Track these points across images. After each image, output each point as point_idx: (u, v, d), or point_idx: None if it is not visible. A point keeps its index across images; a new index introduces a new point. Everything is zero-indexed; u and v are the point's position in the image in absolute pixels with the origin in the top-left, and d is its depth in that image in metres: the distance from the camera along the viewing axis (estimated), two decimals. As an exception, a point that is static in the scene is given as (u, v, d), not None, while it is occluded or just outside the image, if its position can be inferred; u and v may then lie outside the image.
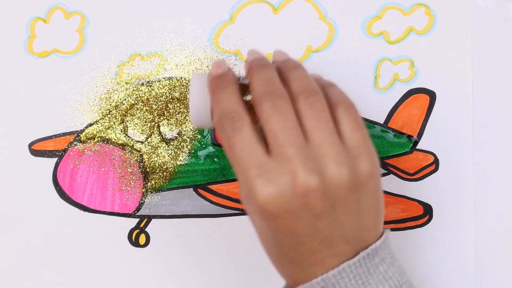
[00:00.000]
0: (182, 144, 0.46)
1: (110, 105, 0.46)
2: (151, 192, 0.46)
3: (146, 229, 0.46)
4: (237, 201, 0.46)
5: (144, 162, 0.46)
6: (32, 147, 0.46)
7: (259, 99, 0.29)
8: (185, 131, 0.46)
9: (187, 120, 0.46)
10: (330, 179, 0.27)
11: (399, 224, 0.46)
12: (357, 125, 0.30)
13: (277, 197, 0.27)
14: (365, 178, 0.29)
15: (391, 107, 0.46)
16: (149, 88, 0.46)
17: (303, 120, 0.29)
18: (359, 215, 0.29)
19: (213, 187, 0.46)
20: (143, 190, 0.46)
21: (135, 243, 0.46)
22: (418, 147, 0.46)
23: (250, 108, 0.30)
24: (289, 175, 0.27)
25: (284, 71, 0.32)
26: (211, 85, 0.32)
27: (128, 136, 0.46)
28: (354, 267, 0.29)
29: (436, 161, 0.46)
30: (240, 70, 0.46)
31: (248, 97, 0.32)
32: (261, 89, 0.30)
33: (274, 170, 0.27)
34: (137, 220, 0.46)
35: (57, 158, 0.46)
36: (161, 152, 0.46)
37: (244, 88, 0.32)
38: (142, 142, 0.46)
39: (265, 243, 0.32)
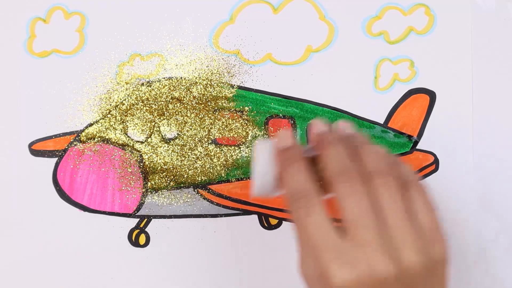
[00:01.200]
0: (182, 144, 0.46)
1: (110, 105, 0.46)
2: (151, 192, 0.46)
3: (146, 229, 0.46)
4: (237, 201, 0.46)
5: (144, 162, 0.46)
6: (32, 147, 0.46)
7: (334, 177, 0.29)
8: (185, 131, 0.46)
9: (187, 120, 0.46)
10: (407, 266, 0.27)
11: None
12: (430, 207, 0.29)
13: (354, 282, 0.26)
14: (439, 264, 0.28)
15: (391, 107, 0.46)
16: (149, 88, 0.46)
17: (378, 200, 0.28)
18: None
19: (213, 187, 0.46)
20: (143, 190, 0.46)
21: (135, 243, 0.46)
22: (418, 147, 0.46)
23: (317, 181, 0.30)
24: (367, 261, 0.27)
25: (354, 146, 0.31)
26: (278, 159, 0.31)
27: (128, 136, 0.46)
28: None
29: (436, 161, 0.46)
30: (243, 71, 0.46)
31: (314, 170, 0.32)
32: (336, 166, 0.29)
33: (351, 254, 0.27)
34: (137, 220, 0.46)
35: (57, 158, 0.46)
36: (161, 152, 0.46)
37: (310, 161, 0.32)
38: (142, 142, 0.46)
39: None
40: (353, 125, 0.34)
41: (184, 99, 0.46)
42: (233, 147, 0.46)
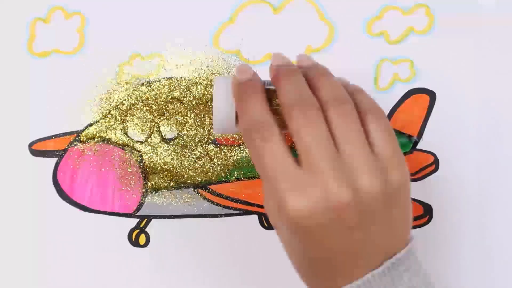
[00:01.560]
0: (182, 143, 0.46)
1: (110, 105, 0.46)
2: (151, 192, 0.46)
3: (146, 229, 0.46)
4: (237, 201, 0.46)
5: (144, 162, 0.46)
6: (32, 147, 0.46)
7: (288, 108, 0.29)
8: (185, 131, 0.46)
9: (187, 120, 0.46)
10: (363, 192, 0.27)
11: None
12: (388, 134, 0.29)
13: (310, 211, 0.27)
14: (397, 189, 0.28)
15: (391, 107, 0.46)
16: (149, 88, 0.46)
17: (334, 130, 0.28)
18: (390, 226, 0.29)
19: (213, 187, 0.46)
20: (143, 190, 0.46)
21: (135, 243, 0.46)
22: (418, 147, 0.46)
23: (276, 114, 0.30)
24: (322, 189, 0.26)
25: (311, 77, 0.31)
26: (236, 91, 0.31)
27: (128, 136, 0.46)
28: (379, 276, 0.28)
29: (436, 161, 0.46)
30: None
31: (274, 103, 0.31)
32: (291, 98, 0.29)
33: (306, 183, 0.27)
34: (137, 220, 0.46)
35: (57, 158, 0.46)
36: (161, 152, 0.46)
37: (269, 94, 0.31)
38: (142, 142, 0.46)
39: (292, 256, 0.32)
40: (310, 56, 0.33)
41: (184, 99, 0.46)
42: (233, 147, 0.46)
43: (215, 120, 0.32)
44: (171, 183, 0.46)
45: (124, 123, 0.46)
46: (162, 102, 0.46)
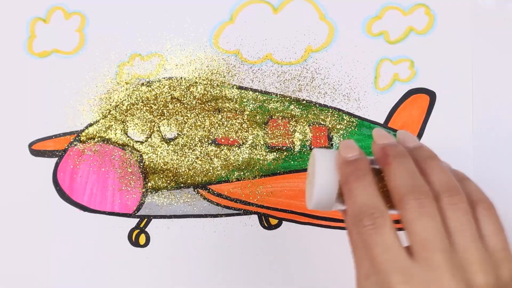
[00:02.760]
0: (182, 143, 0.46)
1: (110, 105, 0.46)
2: (151, 192, 0.46)
3: (146, 229, 0.46)
4: (237, 201, 0.46)
5: (144, 162, 0.46)
6: (32, 147, 0.46)
7: (402, 196, 0.28)
8: (185, 131, 0.46)
9: (187, 120, 0.46)
10: (476, 287, 0.26)
11: (399, 224, 0.46)
12: (499, 227, 0.29)
13: None
14: (508, 284, 0.27)
15: (391, 107, 0.46)
16: (149, 88, 0.46)
17: (446, 221, 0.27)
18: None
19: (213, 187, 0.46)
20: (143, 190, 0.46)
21: (135, 243, 0.46)
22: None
23: (383, 196, 0.29)
24: (437, 284, 0.26)
25: (419, 161, 0.30)
26: (343, 171, 0.30)
27: (128, 136, 0.46)
28: None
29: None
30: (243, 71, 0.46)
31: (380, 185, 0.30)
32: (404, 185, 0.28)
33: (419, 277, 0.26)
34: (137, 220, 0.46)
35: (57, 158, 0.46)
36: (161, 152, 0.46)
37: (374, 173, 0.30)
38: (142, 142, 0.46)
39: None
40: (414, 136, 0.32)
41: (184, 99, 0.46)
42: (233, 147, 0.46)
43: (315, 196, 0.30)
44: (171, 183, 0.46)
45: (124, 123, 0.46)
46: (162, 102, 0.46)
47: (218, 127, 0.46)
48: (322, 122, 0.46)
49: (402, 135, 0.32)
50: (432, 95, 0.46)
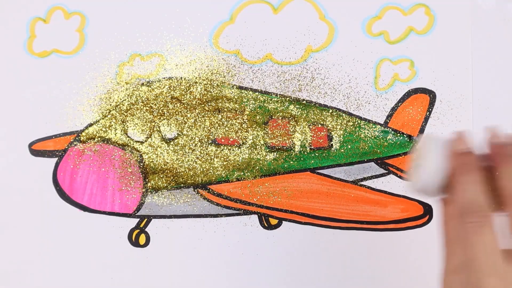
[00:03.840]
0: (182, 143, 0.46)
1: (110, 105, 0.46)
2: (151, 192, 0.46)
3: (146, 229, 0.46)
4: (237, 201, 0.46)
5: (144, 162, 0.46)
6: (32, 147, 0.46)
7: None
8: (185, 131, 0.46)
9: (187, 120, 0.46)
10: None
11: (399, 224, 0.46)
12: None
13: None
14: None
15: (391, 107, 0.46)
16: (149, 88, 0.46)
17: None
18: None
19: (213, 187, 0.46)
20: (143, 190, 0.46)
21: (135, 243, 0.46)
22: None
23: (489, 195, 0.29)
24: None
25: None
26: (453, 162, 0.30)
27: (128, 136, 0.46)
28: None
29: None
30: (243, 71, 0.46)
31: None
32: None
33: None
34: (137, 220, 0.46)
35: (57, 158, 0.46)
36: (161, 152, 0.46)
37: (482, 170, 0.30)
38: (142, 142, 0.46)
39: None
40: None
41: (184, 99, 0.46)
42: (233, 147, 0.46)
43: (422, 180, 0.30)
44: (171, 183, 0.46)
45: (124, 123, 0.46)
46: (162, 102, 0.46)
47: (218, 127, 0.46)
48: (322, 122, 0.46)
49: (498, 134, 0.32)
50: (432, 95, 0.46)
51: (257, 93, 0.46)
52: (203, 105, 0.46)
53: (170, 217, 0.46)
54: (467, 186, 0.29)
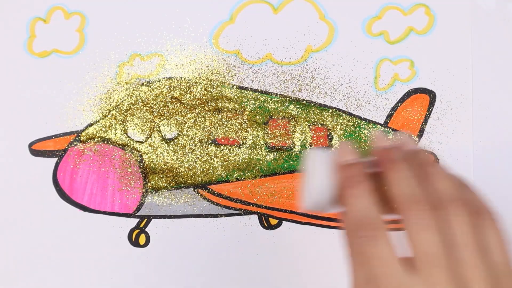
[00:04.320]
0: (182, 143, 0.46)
1: (110, 105, 0.46)
2: (151, 192, 0.46)
3: (146, 229, 0.46)
4: (237, 201, 0.46)
5: (144, 162, 0.46)
6: (32, 147, 0.46)
7: (403, 205, 0.27)
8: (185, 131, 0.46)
9: (187, 120, 0.46)
10: None
11: (399, 224, 0.46)
12: (501, 239, 0.28)
13: None
14: None
15: (391, 107, 0.46)
16: (149, 88, 0.46)
17: (450, 234, 0.27)
18: None
19: (213, 187, 0.46)
20: (143, 190, 0.46)
21: (135, 243, 0.46)
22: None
23: (383, 200, 0.28)
24: None
25: (421, 166, 0.29)
26: (341, 175, 0.29)
27: (128, 136, 0.46)
28: None
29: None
30: (243, 71, 0.46)
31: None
32: (405, 193, 0.27)
33: None
34: (137, 220, 0.46)
35: (57, 158, 0.46)
36: (161, 152, 0.46)
37: (372, 177, 0.29)
38: (142, 142, 0.46)
39: None
40: (415, 139, 0.32)
41: (184, 99, 0.46)
42: (233, 147, 0.46)
43: (310, 197, 0.30)
44: (171, 183, 0.46)
45: (124, 123, 0.46)
46: (162, 102, 0.46)
47: (218, 127, 0.46)
48: (322, 122, 0.46)
49: (403, 137, 0.31)
50: (432, 95, 0.46)
51: (257, 93, 0.46)
52: (203, 105, 0.46)
53: (170, 217, 0.46)
54: (355, 199, 0.28)
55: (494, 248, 0.28)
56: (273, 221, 0.46)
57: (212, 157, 0.46)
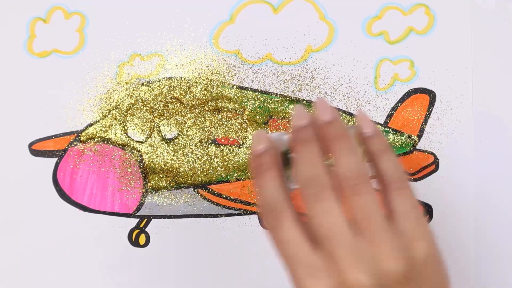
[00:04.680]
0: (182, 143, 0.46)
1: (110, 105, 0.46)
2: (151, 192, 0.46)
3: (146, 229, 0.46)
4: (237, 201, 0.46)
5: (144, 162, 0.46)
6: (32, 147, 0.46)
7: (302, 189, 0.28)
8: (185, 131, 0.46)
9: (187, 120, 0.46)
10: (384, 275, 0.25)
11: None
12: (410, 205, 0.28)
13: None
14: (422, 264, 0.27)
15: (391, 107, 0.46)
16: (149, 88, 0.46)
17: (352, 210, 0.27)
18: None
19: (213, 187, 0.46)
20: (143, 190, 0.46)
21: (135, 243, 0.46)
22: (418, 147, 0.46)
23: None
24: (339, 275, 0.25)
25: (328, 141, 0.29)
26: (251, 165, 0.29)
27: (128, 136, 0.46)
28: None
29: (436, 161, 0.46)
30: (243, 71, 0.46)
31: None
32: (305, 176, 0.28)
33: (323, 269, 0.26)
34: (137, 220, 0.46)
35: (57, 158, 0.46)
36: (161, 152, 0.46)
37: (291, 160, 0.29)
38: (142, 142, 0.46)
39: None
40: (331, 107, 0.30)
41: (184, 99, 0.46)
42: (233, 147, 0.46)
43: None
44: (171, 183, 0.46)
45: (124, 123, 0.46)
46: (162, 102, 0.46)
47: (218, 127, 0.46)
48: (322, 122, 0.46)
49: (318, 106, 0.30)
50: (432, 95, 0.46)
51: (257, 93, 0.46)
52: (203, 105, 0.46)
53: (170, 217, 0.46)
54: (260, 187, 0.28)
55: (403, 215, 0.27)
56: (273, 221, 0.46)
57: (212, 157, 0.46)
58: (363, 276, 0.25)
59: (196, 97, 0.46)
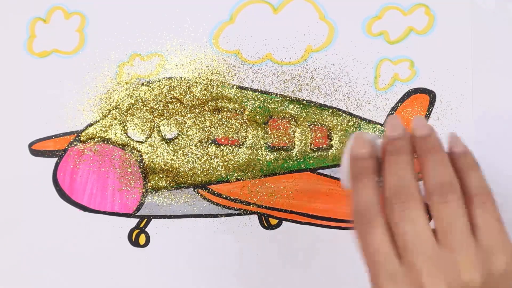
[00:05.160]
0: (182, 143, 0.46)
1: (110, 105, 0.46)
2: (151, 192, 0.46)
3: (146, 229, 0.46)
4: (237, 201, 0.46)
5: (144, 162, 0.46)
6: (32, 147, 0.46)
7: (387, 198, 0.28)
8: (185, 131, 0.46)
9: (187, 120, 0.46)
10: (462, 286, 0.26)
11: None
12: (493, 217, 0.28)
13: None
14: (499, 277, 0.27)
15: (391, 107, 0.46)
16: (149, 88, 0.46)
17: (436, 221, 0.28)
18: None
19: (213, 187, 0.46)
20: (143, 190, 0.46)
21: (135, 243, 0.46)
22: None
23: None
24: (419, 285, 0.26)
25: (420, 154, 0.30)
26: (351, 167, 0.30)
27: (128, 136, 0.46)
28: None
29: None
30: (243, 71, 0.46)
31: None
32: (391, 186, 0.29)
33: (403, 279, 0.27)
34: (137, 220, 0.46)
35: (57, 158, 0.46)
36: (161, 152, 0.46)
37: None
38: (142, 142, 0.46)
39: None
40: (427, 123, 0.31)
41: (184, 99, 0.46)
42: (233, 147, 0.46)
43: (341, 178, 0.32)
44: (171, 183, 0.46)
45: (124, 123, 0.46)
46: (162, 102, 0.46)
47: (218, 127, 0.46)
48: (322, 122, 0.46)
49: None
50: (432, 95, 0.46)
51: (257, 93, 0.46)
52: (203, 105, 0.46)
53: (170, 217, 0.46)
54: (356, 191, 0.29)
55: (485, 227, 0.28)
56: (273, 221, 0.46)
57: (212, 157, 0.46)
58: (442, 286, 0.26)
59: (196, 97, 0.46)
